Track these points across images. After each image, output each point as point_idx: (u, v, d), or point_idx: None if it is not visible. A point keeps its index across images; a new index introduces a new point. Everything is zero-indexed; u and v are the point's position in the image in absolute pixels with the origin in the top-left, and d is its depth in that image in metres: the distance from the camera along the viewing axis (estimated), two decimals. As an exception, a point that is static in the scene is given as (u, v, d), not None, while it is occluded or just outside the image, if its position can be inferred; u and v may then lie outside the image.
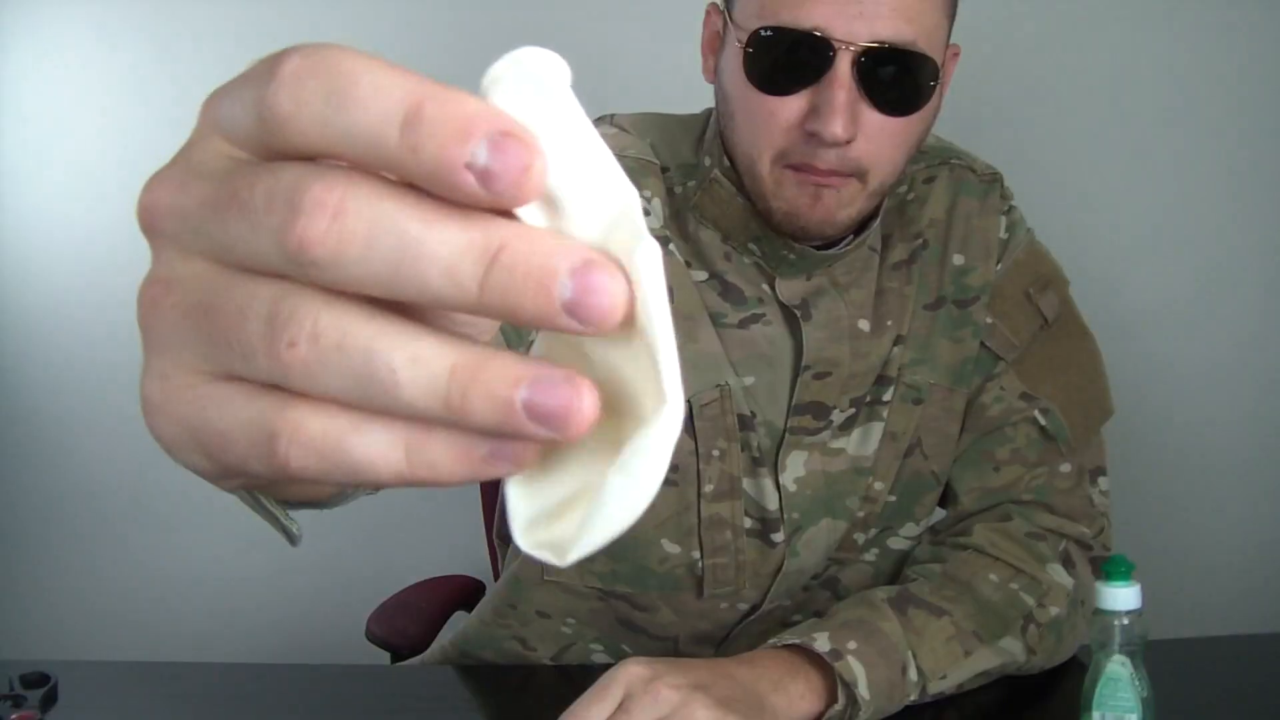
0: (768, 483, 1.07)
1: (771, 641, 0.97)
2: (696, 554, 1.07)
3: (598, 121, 1.10)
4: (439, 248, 0.27)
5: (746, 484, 1.07)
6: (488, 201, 0.26)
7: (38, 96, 1.90)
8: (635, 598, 1.09)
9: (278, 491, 0.41)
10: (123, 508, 1.97)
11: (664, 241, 1.04)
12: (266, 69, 0.28)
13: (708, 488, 1.05)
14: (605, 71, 1.79)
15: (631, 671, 0.89)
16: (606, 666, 0.92)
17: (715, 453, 1.05)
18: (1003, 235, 1.12)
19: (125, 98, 1.90)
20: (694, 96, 1.13)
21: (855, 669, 0.94)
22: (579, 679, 0.92)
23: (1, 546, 2.01)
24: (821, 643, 0.94)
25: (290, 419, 0.29)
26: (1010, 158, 1.75)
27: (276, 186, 0.28)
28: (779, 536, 1.08)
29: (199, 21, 1.88)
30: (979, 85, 1.80)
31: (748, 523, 1.08)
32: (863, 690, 0.93)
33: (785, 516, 1.07)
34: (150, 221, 0.31)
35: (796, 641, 0.95)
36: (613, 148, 0.95)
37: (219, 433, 0.30)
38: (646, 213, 1.04)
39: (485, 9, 1.86)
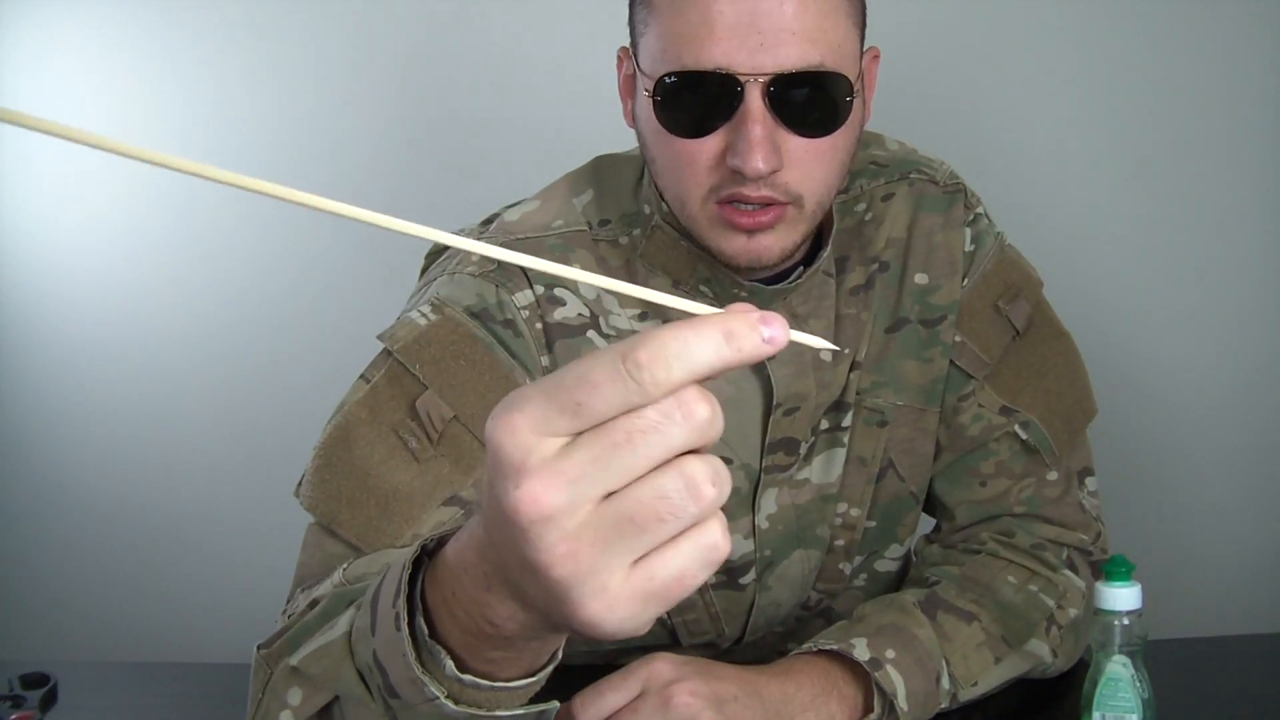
0: (729, 537, 1.05)
1: (808, 645, 0.96)
2: (664, 615, 1.07)
3: (512, 206, 1.08)
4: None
5: None
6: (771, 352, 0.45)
7: (38, 96, 1.90)
8: (621, 650, 1.09)
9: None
10: (122, 508, 1.97)
11: (592, 320, 1.02)
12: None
13: None
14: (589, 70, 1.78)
15: (655, 669, 0.88)
16: (644, 650, 0.91)
17: None
18: (968, 248, 1.10)
19: (125, 98, 1.90)
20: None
21: (895, 679, 0.93)
22: (592, 676, 0.90)
23: (1, 547, 2.01)
24: (860, 650, 0.93)
25: (713, 529, 0.46)
26: (988, 153, 1.76)
27: (665, 406, 0.44)
28: (748, 578, 1.07)
29: (199, 21, 1.87)
30: (958, 79, 1.80)
31: (711, 578, 1.07)
32: (902, 702, 0.92)
33: (758, 555, 1.07)
34: (539, 519, 0.45)
35: (834, 647, 0.94)
36: (538, 224, 1.12)
37: (674, 578, 0.46)
38: (574, 291, 1.01)
39: (479, 8, 1.86)
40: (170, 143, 1.89)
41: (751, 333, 0.45)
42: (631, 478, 0.45)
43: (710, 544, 0.46)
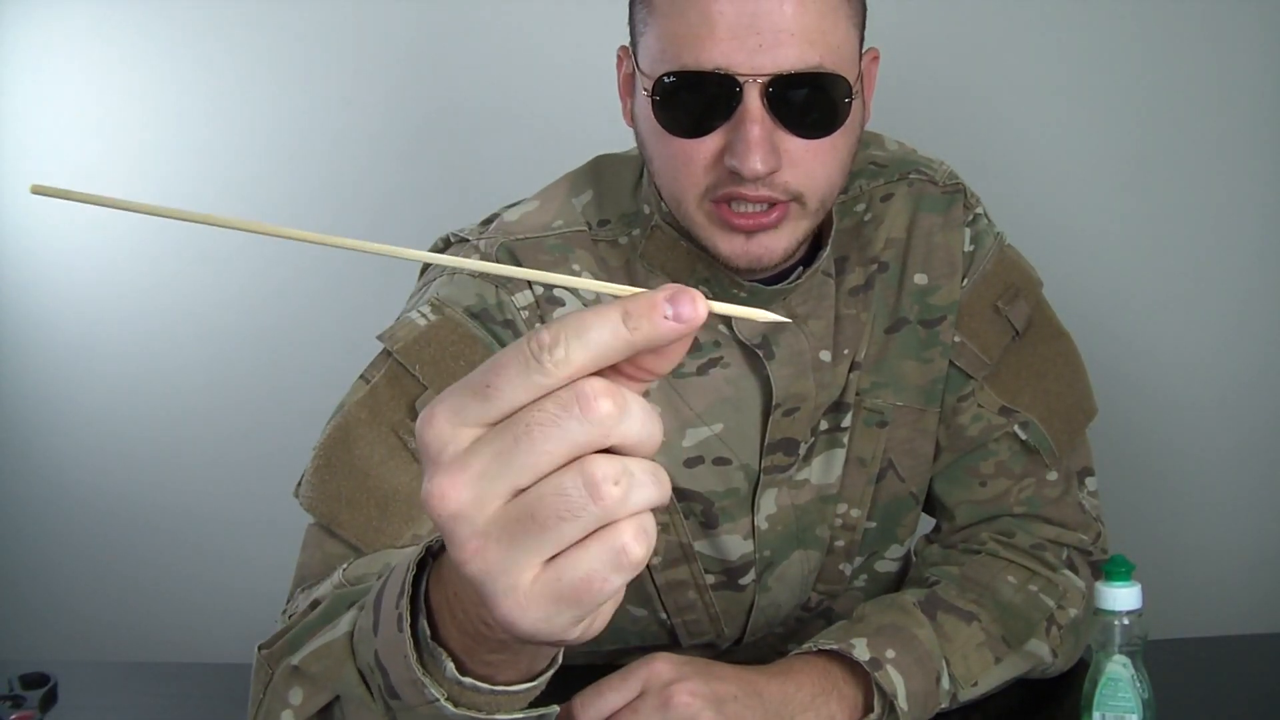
0: (729, 538, 1.05)
1: (808, 645, 0.96)
2: (664, 615, 1.07)
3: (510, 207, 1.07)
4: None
5: (702, 545, 1.05)
6: (684, 330, 0.43)
7: (37, 97, 1.90)
8: (620, 650, 1.09)
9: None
10: (122, 508, 1.97)
11: None
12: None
13: (655, 559, 1.04)
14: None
15: (655, 669, 0.88)
16: (644, 650, 0.91)
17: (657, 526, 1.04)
18: (968, 248, 1.09)
19: (125, 98, 1.90)
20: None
21: (895, 679, 0.93)
22: (592, 677, 0.91)
23: (1, 547, 2.01)
24: (860, 650, 0.93)
25: (622, 531, 0.44)
26: (988, 153, 1.76)
27: (564, 398, 0.43)
28: (748, 578, 1.07)
29: (199, 20, 1.88)
30: (958, 79, 1.80)
31: (710, 579, 1.07)
32: (902, 702, 0.92)
33: (757, 556, 1.07)
34: (448, 515, 0.44)
35: (834, 647, 0.94)
36: (537, 225, 1.12)
37: (582, 580, 0.44)
38: (574, 292, 1.01)
39: (480, 8, 1.86)
40: (168, 141, 1.89)
41: (650, 312, 0.43)
42: (537, 474, 0.43)
43: (618, 547, 0.44)
